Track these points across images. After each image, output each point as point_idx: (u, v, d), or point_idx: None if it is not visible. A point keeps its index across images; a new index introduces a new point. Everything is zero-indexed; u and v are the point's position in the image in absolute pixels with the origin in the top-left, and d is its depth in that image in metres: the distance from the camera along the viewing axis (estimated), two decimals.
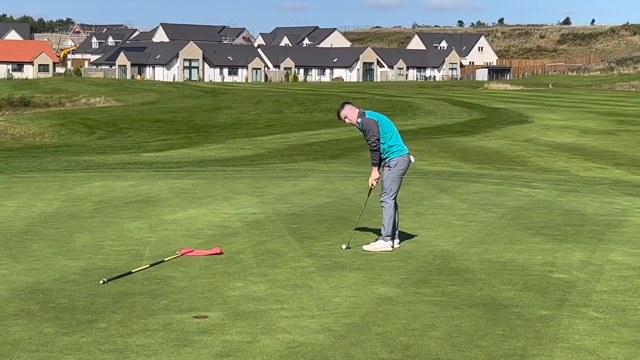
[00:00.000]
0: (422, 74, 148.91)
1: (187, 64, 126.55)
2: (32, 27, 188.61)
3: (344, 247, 10.67)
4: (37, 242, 11.04)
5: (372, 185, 10.83)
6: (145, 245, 10.89)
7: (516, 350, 6.63)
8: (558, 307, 7.88)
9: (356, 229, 11.50)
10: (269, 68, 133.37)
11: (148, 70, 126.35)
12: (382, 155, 10.62)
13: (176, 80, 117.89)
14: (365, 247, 10.62)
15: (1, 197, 15.39)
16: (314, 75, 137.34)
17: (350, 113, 10.60)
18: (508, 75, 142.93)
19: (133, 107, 63.99)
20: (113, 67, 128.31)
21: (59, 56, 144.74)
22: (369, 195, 11.28)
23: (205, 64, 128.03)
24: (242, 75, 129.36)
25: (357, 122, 10.56)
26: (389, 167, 10.63)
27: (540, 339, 6.91)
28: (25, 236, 11.44)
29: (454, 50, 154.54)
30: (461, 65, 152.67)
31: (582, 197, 16.35)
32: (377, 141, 10.46)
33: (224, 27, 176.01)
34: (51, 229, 11.97)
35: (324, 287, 8.65)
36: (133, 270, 9.24)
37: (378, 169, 10.72)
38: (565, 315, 7.61)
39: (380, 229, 10.84)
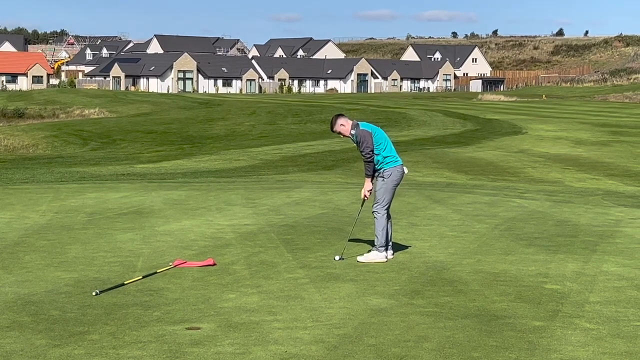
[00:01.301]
0: (416, 85, 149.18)
1: (181, 75, 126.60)
2: (26, 39, 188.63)
3: (337, 258, 10.66)
4: (29, 253, 11.00)
5: (365, 196, 10.84)
6: (138, 256, 10.86)
7: None
8: (551, 318, 7.88)
9: (349, 240, 11.49)
10: (263, 79, 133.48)
11: (142, 82, 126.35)
12: (376, 167, 10.62)
13: (170, 91, 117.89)
14: (359, 258, 10.61)
15: None
16: (308, 87, 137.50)
17: (343, 125, 10.61)
18: (502, 87, 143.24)
19: (127, 119, 63.99)
20: (107, 79, 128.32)
21: (53, 67, 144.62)
22: (362, 206, 11.27)
23: (200, 75, 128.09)
24: (236, 86, 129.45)
25: (351, 133, 10.57)
26: (382, 177, 10.64)
27: (534, 350, 6.91)
28: (18, 247, 11.41)
29: (447, 62, 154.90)
30: (455, 77, 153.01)
31: (576, 208, 16.36)
32: (370, 152, 10.48)
33: (218, 38, 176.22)
34: (44, 241, 11.93)
35: (317, 298, 8.64)
36: (126, 282, 9.22)
37: (371, 180, 10.73)
38: (558, 326, 7.60)
39: (373, 240, 10.83)
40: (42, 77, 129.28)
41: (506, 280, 9.48)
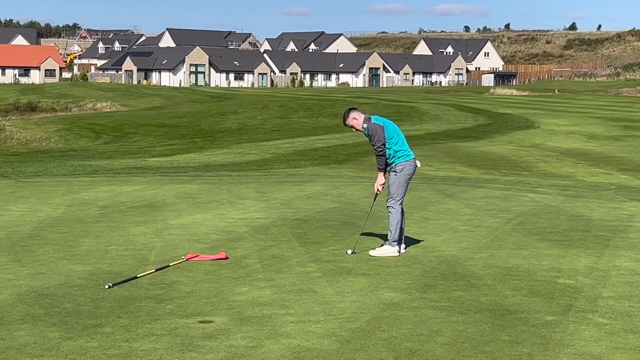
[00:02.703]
0: (428, 79, 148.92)
1: (193, 69, 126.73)
2: (38, 32, 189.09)
3: (349, 252, 10.66)
4: (42, 246, 11.05)
5: (377, 190, 10.83)
6: (151, 250, 10.89)
7: (522, 356, 6.61)
8: (564, 313, 7.86)
9: (362, 234, 11.49)
10: (275, 73, 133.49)
11: (154, 76, 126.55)
12: (388, 161, 10.62)
13: (182, 85, 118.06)
14: (371, 252, 10.61)
15: (7, 202, 15.42)
16: (320, 81, 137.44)
17: (356, 118, 10.61)
18: (514, 81, 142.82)
19: (139, 112, 64.09)
20: (119, 72, 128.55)
21: (66, 61, 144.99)
22: (374, 200, 11.26)
23: (212, 69, 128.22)
24: (248, 80, 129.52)
25: (363, 127, 10.57)
26: (395, 172, 10.63)
27: (546, 345, 6.90)
28: (31, 241, 11.46)
29: (460, 56, 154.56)
30: (467, 71, 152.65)
31: (588, 202, 16.32)
32: (382, 146, 10.47)
33: (230, 32, 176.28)
34: (57, 234, 11.98)
35: (329, 292, 8.64)
36: (138, 275, 9.24)
37: (384, 174, 10.72)
38: (571, 321, 7.59)
39: (386, 234, 10.83)
40: (54, 70, 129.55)
41: (519, 275, 9.47)
